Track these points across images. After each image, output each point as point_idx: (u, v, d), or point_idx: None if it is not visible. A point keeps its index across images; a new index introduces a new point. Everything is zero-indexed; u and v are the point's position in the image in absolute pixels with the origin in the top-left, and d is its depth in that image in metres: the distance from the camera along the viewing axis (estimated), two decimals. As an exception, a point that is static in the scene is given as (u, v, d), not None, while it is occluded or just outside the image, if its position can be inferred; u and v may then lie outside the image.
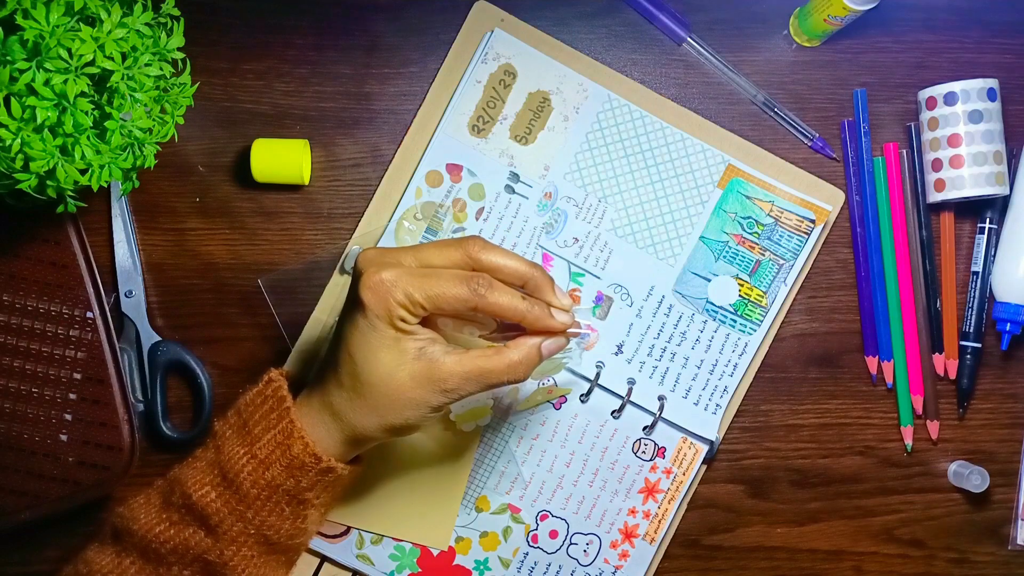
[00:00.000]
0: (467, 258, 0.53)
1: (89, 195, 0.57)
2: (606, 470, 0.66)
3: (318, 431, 0.54)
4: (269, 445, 0.54)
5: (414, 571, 0.66)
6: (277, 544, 0.55)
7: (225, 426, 0.56)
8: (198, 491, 0.54)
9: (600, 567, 0.66)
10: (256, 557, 0.55)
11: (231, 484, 0.54)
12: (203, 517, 0.54)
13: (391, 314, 0.52)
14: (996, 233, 0.68)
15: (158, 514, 0.55)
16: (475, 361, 0.53)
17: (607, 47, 0.68)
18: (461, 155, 0.66)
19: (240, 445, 0.54)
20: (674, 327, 0.66)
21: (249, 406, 0.55)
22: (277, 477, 0.54)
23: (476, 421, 0.65)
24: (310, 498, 0.55)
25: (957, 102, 0.65)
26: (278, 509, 0.54)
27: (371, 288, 0.52)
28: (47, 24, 0.47)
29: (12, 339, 0.63)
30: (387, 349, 0.52)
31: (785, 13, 0.68)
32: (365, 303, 0.52)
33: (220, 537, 0.54)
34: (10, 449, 0.63)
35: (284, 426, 0.54)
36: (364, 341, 0.53)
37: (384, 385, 0.53)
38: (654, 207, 0.67)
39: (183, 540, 0.54)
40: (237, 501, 0.54)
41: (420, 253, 0.53)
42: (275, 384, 0.55)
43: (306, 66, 0.67)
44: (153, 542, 0.54)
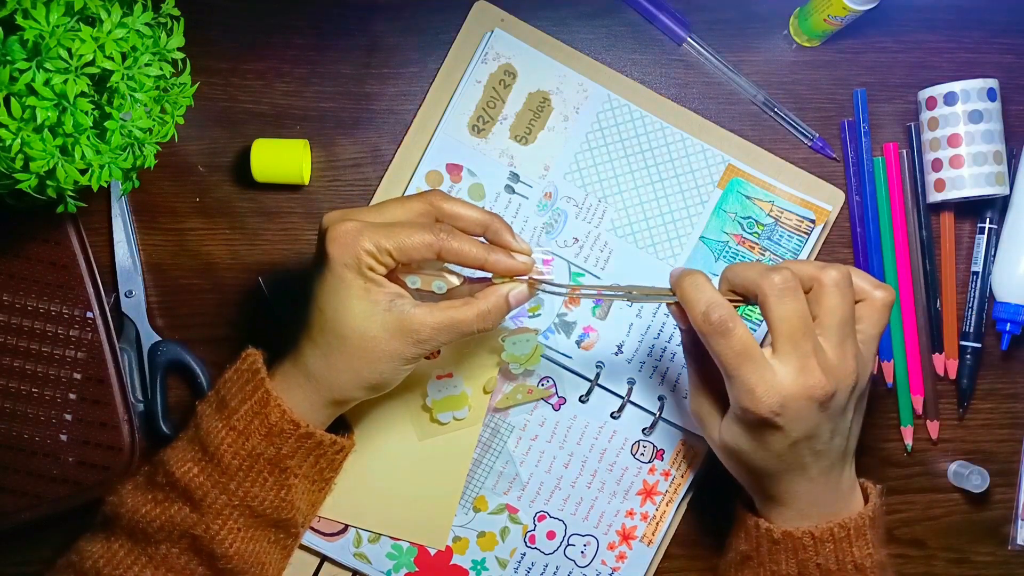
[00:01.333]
0: (429, 207, 0.55)
1: (89, 195, 0.57)
2: (604, 471, 0.66)
3: (295, 396, 0.55)
4: (247, 416, 0.55)
5: (411, 570, 0.66)
6: (264, 516, 0.56)
7: (204, 405, 0.57)
8: (180, 467, 0.55)
9: (597, 568, 0.66)
10: (243, 530, 0.55)
11: (212, 457, 0.54)
12: (187, 492, 0.54)
13: (359, 263, 0.53)
14: (996, 233, 0.68)
15: (143, 495, 0.56)
16: (446, 312, 0.54)
17: (607, 47, 0.68)
18: (461, 155, 0.66)
19: (219, 419, 0.55)
20: (674, 327, 0.66)
21: (227, 383, 0.57)
22: (257, 446, 0.54)
23: (453, 412, 0.65)
24: (292, 466, 0.56)
25: (957, 102, 0.65)
26: (260, 479, 0.55)
27: (337, 240, 0.53)
28: (47, 24, 0.47)
29: (12, 339, 0.63)
30: (357, 299, 0.53)
31: (785, 13, 0.68)
32: (331, 255, 0.53)
33: (205, 511, 0.54)
34: (10, 449, 0.63)
35: (260, 396, 0.55)
36: (334, 294, 0.53)
37: (357, 337, 0.54)
38: (654, 207, 0.67)
39: (169, 517, 0.54)
40: (220, 474, 0.54)
41: (383, 208, 0.55)
42: (251, 359, 0.56)
43: (306, 66, 0.67)
44: (140, 522, 0.55)
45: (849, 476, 0.58)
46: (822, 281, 0.54)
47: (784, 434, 0.54)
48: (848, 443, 0.57)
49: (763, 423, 0.53)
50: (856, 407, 0.57)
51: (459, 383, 0.65)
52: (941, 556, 0.70)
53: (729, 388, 0.55)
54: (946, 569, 0.70)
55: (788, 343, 0.52)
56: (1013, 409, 0.70)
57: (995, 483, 0.69)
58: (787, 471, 0.56)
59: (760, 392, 0.52)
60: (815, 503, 0.57)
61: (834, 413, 0.54)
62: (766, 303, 0.53)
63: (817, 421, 0.54)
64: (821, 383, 0.52)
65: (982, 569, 0.70)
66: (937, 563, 0.70)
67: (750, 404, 0.53)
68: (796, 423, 0.53)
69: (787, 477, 0.56)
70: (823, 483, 0.57)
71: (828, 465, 0.56)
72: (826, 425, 0.55)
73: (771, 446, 0.55)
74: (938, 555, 0.70)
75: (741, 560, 0.59)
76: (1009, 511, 0.70)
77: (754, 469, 0.57)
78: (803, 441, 0.54)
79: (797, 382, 0.52)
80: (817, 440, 0.55)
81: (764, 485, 0.57)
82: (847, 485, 0.58)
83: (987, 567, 0.70)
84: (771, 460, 0.55)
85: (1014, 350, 0.69)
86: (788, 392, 0.52)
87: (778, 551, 0.57)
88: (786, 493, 0.57)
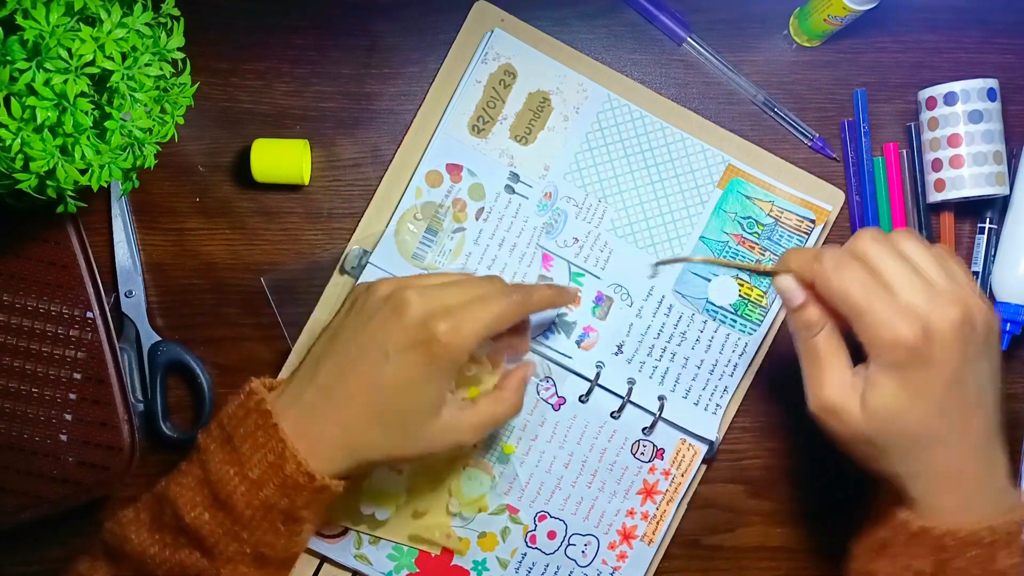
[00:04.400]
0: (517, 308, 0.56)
1: (89, 195, 0.57)
2: (605, 471, 0.66)
3: (316, 447, 0.53)
4: (261, 465, 0.52)
5: (412, 571, 0.66)
6: (272, 559, 0.54)
7: (208, 440, 0.54)
8: (190, 512, 0.52)
9: (598, 568, 0.66)
10: (251, 572, 0.54)
11: (224, 505, 0.52)
12: (198, 539, 0.52)
13: (460, 366, 0.54)
14: (996, 233, 0.68)
15: (150, 534, 0.53)
16: (487, 409, 0.57)
17: (607, 47, 0.68)
18: (461, 155, 0.66)
19: (229, 464, 0.53)
20: (674, 327, 0.66)
21: (232, 419, 0.54)
22: (271, 497, 0.52)
23: (375, 507, 0.64)
24: (305, 516, 0.54)
25: (957, 102, 0.65)
26: (273, 528, 0.53)
27: (452, 345, 0.52)
28: (47, 24, 0.47)
29: (12, 339, 0.63)
30: (442, 399, 0.54)
31: (785, 13, 0.68)
32: (440, 354, 0.52)
33: (216, 557, 0.53)
34: (10, 449, 0.63)
35: (274, 445, 0.52)
36: (424, 388, 0.54)
37: (424, 427, 0.55)
38: (654, 207, 0.67)
39: (178, 561, 0.53)
40: (232, 522, 0.52)
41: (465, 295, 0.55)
42: (256, 397, 0.54)
43: (306, 66, 0.67)
44: (148, 563, 0.53)
45: (1003, 459, 0.53)
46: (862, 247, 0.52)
47: (937, 369, 0.50)
48: (996, 400, 0.53)
49: (912, 356, 0.50)
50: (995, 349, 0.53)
51: (401, 486, 0.64)
52: (941, 556, 0.70)
53: (865, 336, 0.51)
54: (946, 569, 0.70)
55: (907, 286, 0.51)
56: (1013, 409, 0.70)
57: (995, 483, 0.69)
58: (948, 435, 0.51)
59: (900, 320, 0.50)
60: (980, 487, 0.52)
61: (977, 349, 0.51)
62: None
63: (964, 356, 0.50)
64: (954, 303, 0.50)
65: (982, 569, 0.70)
66: (937, 563, 0.70)
67: (892, 335, 0.50)
68: (945, 353, 0.50)
69: (947, 446, 0.52)
70: (983, 458, 0.52)
71: (986, 434, 0.52)
72: (973, 364, 0.51)
73: (927, 390, 0.51)
74: (938, 555, 0.70)
75: (879, 547, 0.55)
76: (1009, 511, 0.70)
77: (912, 439, 0.52)
78: (957, 386, 0.51)
79: (931, 305, 0.50)
80: (969, 385, 0.51)
81: (923, 464, 0.52)
82: (1004, 472, 0.53)
83: (987, 567, 0.70)
84: (931, 417, 0.51)
85: (1014, 350, 0.69)
86: (926, 315, 0.50)
87: (915, 545, 0.53)
88: (946, 472, 0.52)
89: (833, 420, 0.54)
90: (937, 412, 0.51)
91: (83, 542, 0.65)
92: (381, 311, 0.54)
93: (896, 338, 0.50)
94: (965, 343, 0.50)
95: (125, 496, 0.66)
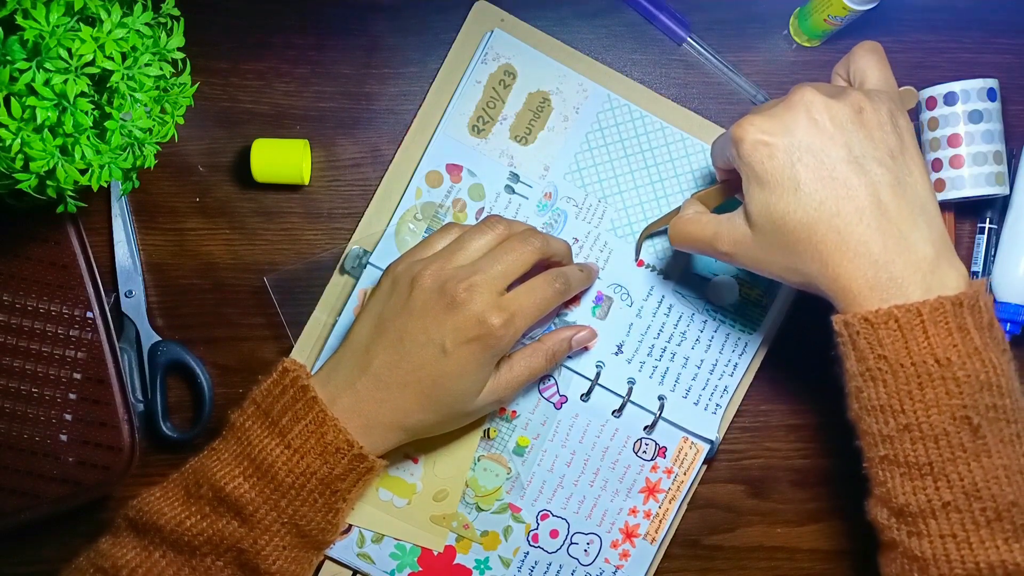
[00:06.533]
0: (540, 256, 0.59)
1: (89, 195, 0.57)
2: (607, 470, 0.66)
3: (368, 428, 0.56)
4: (302, 435, 0.55)
5: (415, 570, 0.66)
6: (308, 536, 0.56)
7: (243, 417, 0.56)
8: (230, 483, 0.54)
9: (601, 567, 0.66)
10: (287, 549, 0.55)
11: (265, 473, 0.54)
12: (237, 507, 0.54)
13: (505, 350, 0.58)
14: (996, 233, 0.68)
15: (184, 507, 0.55)
16: (523, 364, 0.60)
17: (607, 47, 0.68)
18: (461, 155, 0.66)
19: (269, 436, 0.55)
20: (674, 327, 0.66)
21: (267, 396, 0.56)
22: (312, 464, 0.54)
23: (393, 495, 0.65)
24: (342, 488, 0.56)
25: (957, 102, 0.65)
26: (311, 499, 0.55)
27: (503, 337, 0.56)
28: (47, 24, 0.47)
29: (12, 339, 0.63)
30: (488, 377, 0.58)
31: (785, 13, 0.68)
32: (494, 344, 0.56)
33: (254, 526, 0.54)
34: (10, 449, 0.63)
35: (315, 415, 0.55)
36: (477, 374, 0.57)
37: (471, 403, 0.58)
38: (654, 207, 0.67)
39: (217, 531, 0.54)
40: (272, 490, 0.54)
41: (506, 271, 0.58)
42: (292, 375, 0.56)
43: (306, 66, 0.67)
44: (185, 535, 0.54)
45: (937, 241, 0.49)
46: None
47: (779, 147, 0.50)
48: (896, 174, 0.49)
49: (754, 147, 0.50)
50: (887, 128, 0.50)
51: (416, 472, 0.65)
52: (941, 556, 0.70)
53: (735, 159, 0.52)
54: (946, 569, 0.70)
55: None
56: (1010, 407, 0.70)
57: (995, 483, 0.69)
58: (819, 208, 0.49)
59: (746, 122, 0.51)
60: (881, 266, 0.48)
61: (838, 122, 0.50)
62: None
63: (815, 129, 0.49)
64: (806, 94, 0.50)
65: (982, 568, 0.70)
66: (937, 563, 0.70)
67: (739, 140, 0.51)
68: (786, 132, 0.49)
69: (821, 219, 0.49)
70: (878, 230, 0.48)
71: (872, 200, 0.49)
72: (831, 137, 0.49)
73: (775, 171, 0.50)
74: (938, 555, 0.70)
75: (847, 379, 0.52)
76: (1009, 511, 0.70)
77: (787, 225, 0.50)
78: (807, 155, 0.49)
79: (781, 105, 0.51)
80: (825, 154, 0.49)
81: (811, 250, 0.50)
82: (931, 250, 0.49)
83: (987, 566, 0.70)
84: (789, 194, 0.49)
85: (1014, 350, 0.69)
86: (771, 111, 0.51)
87: (843, 346, 0.50)
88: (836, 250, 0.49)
89: (740, 253, 0.54)
90: (792, 187, 0.50)
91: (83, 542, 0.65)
92: (433, 306, 0.56)
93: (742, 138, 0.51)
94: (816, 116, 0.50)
95: (125, 496, 0.66)
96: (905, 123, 0.53)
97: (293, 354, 0.66)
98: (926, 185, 0.51)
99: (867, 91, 0.52)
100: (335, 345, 0.65)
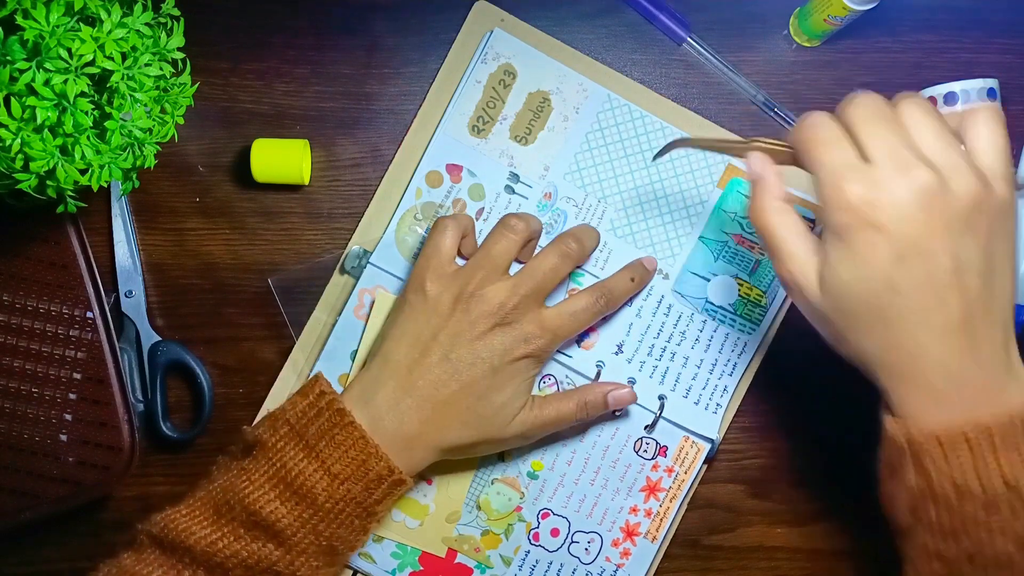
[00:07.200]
0: (577, 263, 0.62)
1: (89, 195, 0.57)
2: (607, 468, 0.66)
3: (407, 448, 0.56)
4: (343, 460, 0.54)
5: (415, 569, 0.66)
6: (340, 555, 0.56)
7: (275, 437, 0.55)
8: (266, 506, 0.53)
9: (602, 565, 0.66)
10: (320, 568, 0.55)
11: (304, 498, 0.54)
12: (275, 532, 0.53)
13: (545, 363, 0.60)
14: (996, 233, 0.68)
15: (215, 528, 0.54)
16: (553, 406, 0.60)
17: (607, 47, 0.68)
18: (461, 155, 0.66)
19: (306, 460, 0.54)
20: (674, 327, 0.66)
21: (302, 418, 0.55)
22: (352, 490, 0.54)
23: (405, 516, 0.65)
24: (379, 511, 0.56)
25: (957, 102, 0.65)
26: (348, 521, 0.55)
27: (547, 348, 0.58)
28: (47, 24, 0.47)
29: (12, 339, 0.63)
30: (529, 395, 0.59)
31: (785, 13, 0.68)
32: (540, 359, 0.59)
33: (291, 548, 0.54)
34: (10, 449, 0.63)
35: (355, 441, 0.54)
36: (520, 388, 0.58)
37: (509, 422, 0.59)
38: (654, 207, 0.67)
39: (251, 553, 0.53)
40: (310, 515, 0.54)
41: (544, 286, 0.59)
42: (328, 397, 0.56)
43: (306, 66, 0.67)
44: (217, 555, 0.53)
45: (1004, 353, 0.45)
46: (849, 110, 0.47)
47: (885, 237, 0.44)
48: (990, 288, 0.45)
49: (856, 218, 0.44)
50: (997, 232, 0.45)
51: (430, 493, 0.65)
52: (941, 555, 0.70)
53: (820, 198, 0.46)
54: (946, 568, 0.70)
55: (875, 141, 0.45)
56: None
57: (995, 482, 0.69)
58: (905, 312, 0.45)
59: (850, 175, 0.44)
60: (953, 380, 0.45)
61: (952, 223, 0.44)
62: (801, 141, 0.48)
63: (927, 227, 0.44)
64: (919, 167, 0.43)
65: (982, 568, 0.70)
66: (937, 562, 0.70)
67: (836, 193, 0.44)
68: (898, 221, 0.44)
69: (904, 324, 0.45)
70: (958, 347, 0.44)
71: (962, 317, 0.44)
72: (941, 240, 0.44)
73: (874, 260, 0.45)
74: (938, 554, 0.70)
75: (889, 472, 0.49)
76: (1009, 510, 0.70)
77: (865, 316, 0.46)
78: (914, 258, 0.44)
79: (895, 166, 0.44)
80: (932, 261, 0.44)
81: (886, 344, 0.46)
82: (1000, 365, 0.45)
83: (987, 566, 0.70)
84: (880, 287, 0.45)
85: (1014, 349, 0.69)
86: (880, 174, 0.44)
87: (903, 457, 0.46)
88: (909, 356, 0.45)
89: (796, 295, 0.50)
90: (887, 286, 0.45)
91: (83, 542, 0.65)
92: (480, 326, 0.57)
93: (840, 196, 0.45)
94: (932, 211, 0.44)
95: (125, 496, 0.66)
96: (1012, 224, 0.47)
97: (294, 354, 0.66)
98: (1011, 296, 0.47)
99: (984, 177, 0.46)
100: (336, 346, 0.65)
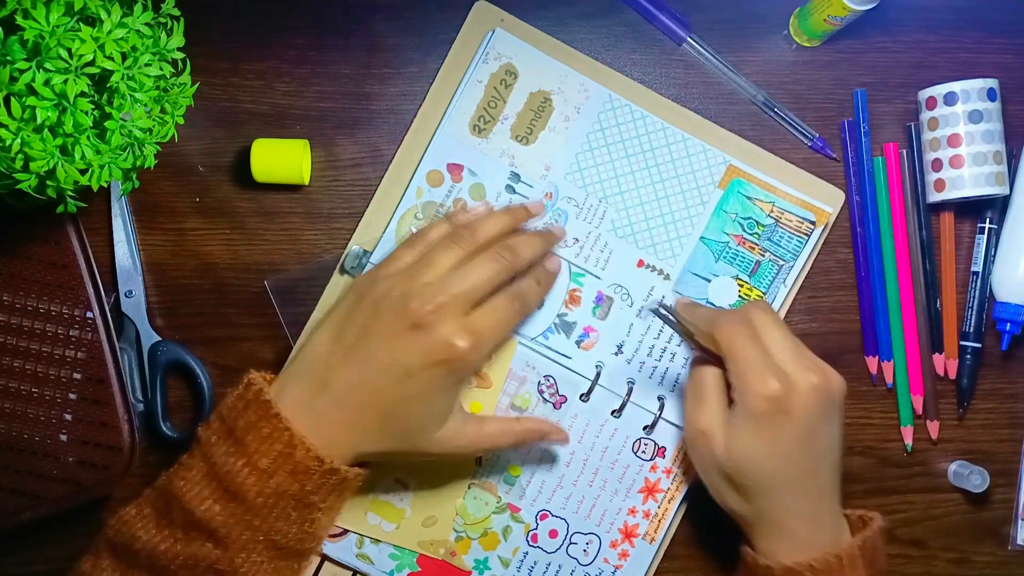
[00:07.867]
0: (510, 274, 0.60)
1: (89, 195, 0.57)
2: (606, 469, 0.66)
3: (324, 446, 0.54)
4: (269, 454, 0.53)
5: (414, 570, 0.66)
6: (287, 548, 0.55)
7: (209, 432, 0.55)
8: (200, 506, 0.53)
9: (600, 567, 0.66)
10: (266, 563, 0.54)
11: (235, 496, 0.53)
12: (210, 531, 0.53)
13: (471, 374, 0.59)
14: (996, 233, 0.68)
15: (159, 531, 0.54)
16: (491, 430, 0.59)
17: (607, 47, 0.68)
18: (462, 155, 0.66)
19: (235, 456, 0.53)
20: (674, 327, 0.66)
21: (231, 411, 0.55)
22: (282, 484, 0.53)
23: (382, 519, 0.65)
24: (316, 501, 0.55)
25: (957, 102, 0.65)
26: (284, 514, 0.54)
27: (467, 358, 0.55)
28: (47, 24, 0.47)
29: (12, 339, 0.63)
30: (451, 409, 0.57)
31: (785, 13, 0.68)
32: (461, 368, 0.55)
33: (229, 547, 0.53)
34: (10, 449, 0.63)
35: (280, 435, 0.53)
36: (440, 399, 0.56)
37: (428, 434, 0.57)
38: (654, 207, 0.67)
39: (191, 554, 0.53)
40: (243, 512, 0.53)
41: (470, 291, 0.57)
42: (255, 388, 0.54)
43: (306, 66, 0.67)
44: (160, 558, 0.53)
45: (838, 504, 0.59)
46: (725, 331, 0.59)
47: (794, 423, 0.55)
48: (839, 459, 0.59)
49: (774, 407, 0.55)
50: (838, 421, 0.58)
51: (406, 497, 0.65)
52: (941, 556, 0.70)
53: (737, 381, 0.57)
54: (946, 569, 0.70)
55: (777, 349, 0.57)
56: (1013, 409, 0.70)
57: (995, 483, 0.69)
58: (797, 481, 0.57)
59: (770, 373, 0.56)
60: (817, 527, 0.57)
61: (830, 412, 0.57)
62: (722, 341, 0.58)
63: (820, 415, 0.56)
64: (816, 369, 0.56)
65: (982, 569, 0.70)
66: (937, 563, 0.70)
67: (760, 385, 0.55)
68: (804, 410, 0.55)
69: (795, 491, 0.57)
70: (825, 504, 0.58)
71: (830, 479, 0.58)
72: (825, 425, 0.57)
73: (782, 441, 0.56)
74: (938, 555, 0.70)
75: None
76: (1009, 511, 0.70)
77: (763, 482, 0.57)
78: (810, 439, 0.56)
79: (797, 367, 0.56)
80: (820, 440, 0.57)
81: (769, 505, 0.57)
82: (838, 513, 0.59)
83: (987, 567, 0.70)
84: (782, 463, 0.56)
85: (1014, 350, 0.69)
86: (792, 372, 0.56)
87: None
88: (790, 514, 0.57)
89: (702, 444, 0.59)
90: (788, 461, 0.56)
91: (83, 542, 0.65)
92: (399, 327, 0.55)
93: (763, 388, 0.55)
94: (820, 404, 0.56)
95: (125, 496, 0.66)
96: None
97: (292, 353, 0.66)
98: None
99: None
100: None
